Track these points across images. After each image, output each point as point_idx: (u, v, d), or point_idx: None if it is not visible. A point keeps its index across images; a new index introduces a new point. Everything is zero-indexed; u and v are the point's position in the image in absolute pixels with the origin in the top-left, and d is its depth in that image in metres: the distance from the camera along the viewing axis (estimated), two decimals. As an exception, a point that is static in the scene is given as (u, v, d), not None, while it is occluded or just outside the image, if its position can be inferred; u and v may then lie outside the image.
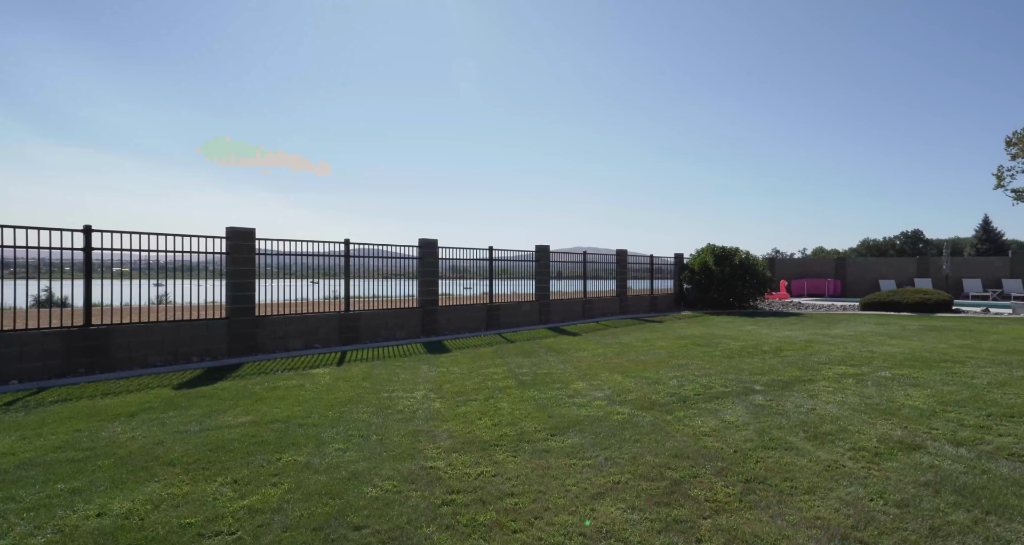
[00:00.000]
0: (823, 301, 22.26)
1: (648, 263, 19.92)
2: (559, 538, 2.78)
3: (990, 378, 6.67)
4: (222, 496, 3.33)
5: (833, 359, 8.17)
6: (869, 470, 3.70)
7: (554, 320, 15.41)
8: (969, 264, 25.67)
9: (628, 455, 4.04)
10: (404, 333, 11.92)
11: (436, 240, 12.80)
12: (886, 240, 72.98)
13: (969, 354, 8.50)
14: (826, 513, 3.05)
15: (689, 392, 6.13)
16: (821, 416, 5.03)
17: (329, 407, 5.62)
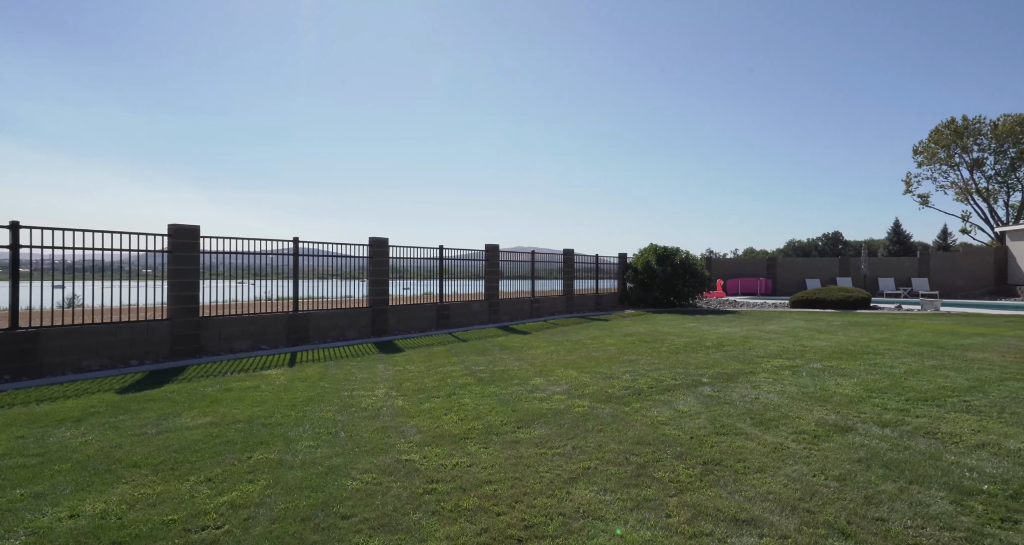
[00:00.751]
0: (756, 299, 23.56)
1: (594, 263, 20.46)
2: (541, 518, 2.95)
3: (906, 367, 7.36)
4: (199, 494, 3.29)
5: (770, 353, 8.75)
6: (810, 450, 4.07)
7: (503, 319, 15.61)
8: (883, 264, 27.81)
9: (594, 444, 4.26)
10: (354, 333, 11.79)
11: (387, 239, 12.73)
12: (810, 241, 77.70)
13: (887, 346, 9.31)
14: (777, 488, 3.36)
15: (643, 385, 6.45)
16: (764, 404, 5.44)
17: (291, 407, 5.56)
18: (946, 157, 39.31)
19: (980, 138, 37.95)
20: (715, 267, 29.49)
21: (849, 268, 27.86)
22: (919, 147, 40.59)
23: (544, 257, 18.11)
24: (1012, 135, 36.58)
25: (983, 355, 8.29)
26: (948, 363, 7.64)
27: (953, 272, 26.45)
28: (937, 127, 39.21)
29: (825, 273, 28.25)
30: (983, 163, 38.42)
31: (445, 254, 14.20)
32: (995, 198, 39.70)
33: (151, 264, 9.00)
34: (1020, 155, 37.04)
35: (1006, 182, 38.91)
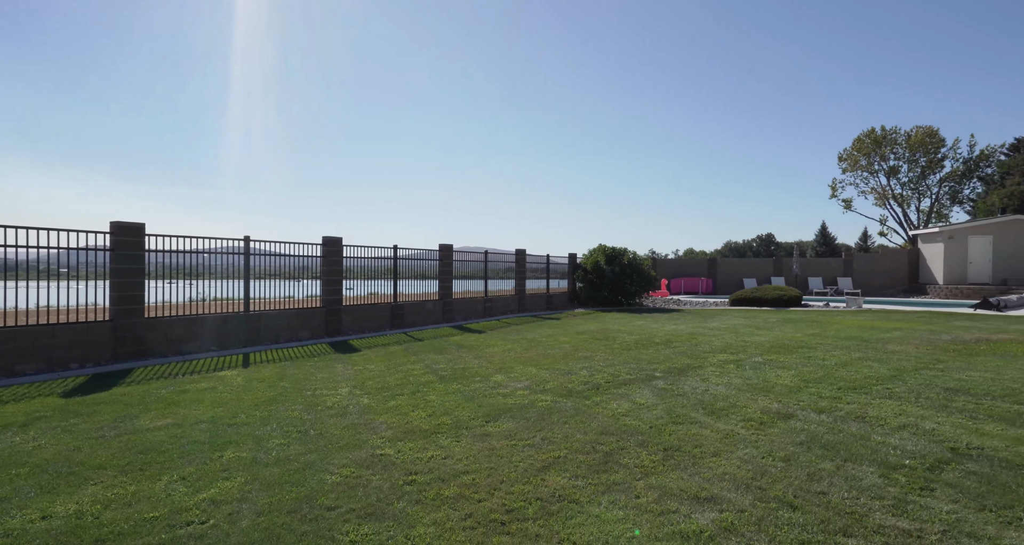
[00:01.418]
0: (698, 298, 24.59)
1: (545, 262, 20.82)
2: (520, 503, 3.13)
3: (836, 360, 7.99)
4: (176, 492, 3.28)
5: (715, 348, 9.27)
6: (758, 436, 4.44)
7: (457, 318, 15.70)
8: (812, 264, 29.61)
9: (561, 435, 4.48)
10: (307, 333, 11.60)
11: (340, 238, 12.59)
12: (745, 242, 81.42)
13: (818, 341, 10.03)
14: (731, 469, 3.67)
15: (600, 380, 6.74)
16: (714, 395, 5.83)
17: (254, 407, 5.51)
18: (867, 164, 42.12)
19: (896, 147, 40.92)
20: (660, 267, 30.54)
21: (782, 268, 29.50)
22: (843, 154, 43.34)
23: (497, 257, 18.31)
24: (923, 145, 39.64)
25: (901, 347, 9.08)
26: (872, 355, 8.34)
27: (873, 272, 28.49)
28: (859, 136, 41.96)
29: (761, 273, 29.80)
30: (898, 171, 41.42)
31: (399, 254, 14.15)
32: (908, 203, 42.88)
33: (91, 263, 8.58)
34: (929, 164, 40.20)
35: (917, 189, 42.10)
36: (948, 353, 8.43)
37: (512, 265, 19.04)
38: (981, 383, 6.26)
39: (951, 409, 5.17)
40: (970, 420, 4.79)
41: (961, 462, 3.78)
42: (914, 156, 40.43)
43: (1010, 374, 6.74)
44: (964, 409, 5.16)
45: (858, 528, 2.83)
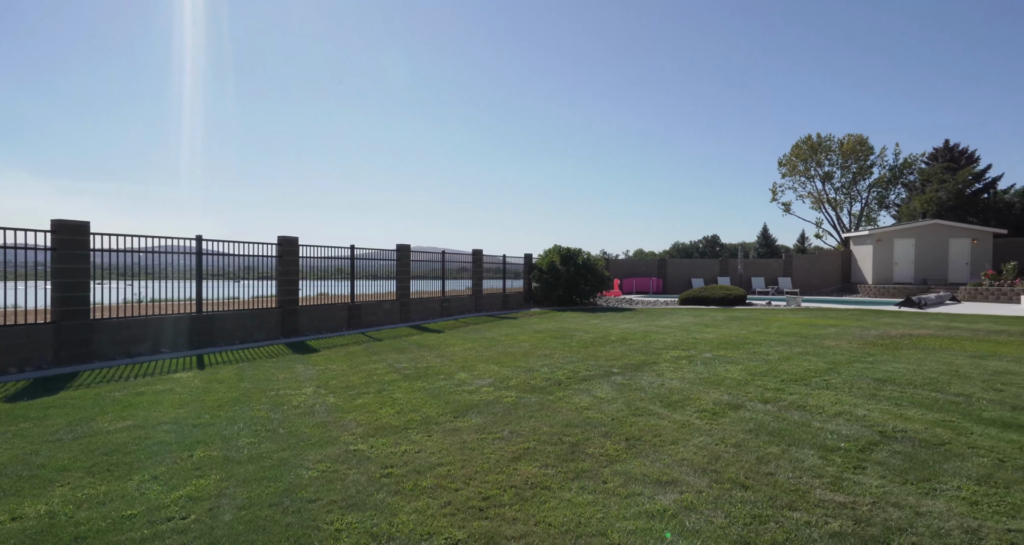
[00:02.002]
0: (649, 297, 25.36)
1: (501, 263, 21.02)
2: (495, 491, 3.29)
3: (778, 355, 8.52)
4: (150, 491, 3.28)
5: (668, 345, 9.69)
6: (711, 425, 4.75)
7: (415, 318, 15.69)
8: (755, 265, 31.02)
9: (528, 428, 4.67)
10: (263, 334, 11.39)
11: (296, 238, 12.40)
12: (692, 243, 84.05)
13: (762, 337, 10.62)
14: (689, 455, 3.95)
15: (561, 376, 6.97)
16: (669, 389, 6.15)
17: (217, 407, 5.45)
18: (804, 170, 44.34)
19: (830, 154, 43.27)
20: (612, 267, 31.28)
21: (728, 268, 30.77)
22: (783, 160, 45.47)
23: (454, 257, 18.37)
24: (853, 153, 42.09)
25: (836, 343, 9.74)
26: (810, 350, 8.93)
27: (810, 272, 30.12)
28: (797, 142, 44.14)
29: (708, 273, 30.99)
30: (832, 176, 43.80)
31: (356, 254, 14.04)
32: (841, 207, 45.39)
33: (33, 263, 8.18)
34: (859, 171, 42.71)
35: (849, 194, 44.62)
36: (876, 347, 9.11)
37: (469, 265, 19.15)
38: (905, 374, 6.84)
39: (879, 397, 5.66)
40: (895, 407, 5.27)
41: (888, 443, 4.19)
42: (846, 163, 42.83)
43: (929, 365, 7.38)
44: (890, 397, 5.66)
45: (801, 503, 3.14)
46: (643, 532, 2.78)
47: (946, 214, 32.66)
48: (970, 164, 37.02)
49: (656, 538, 2.72)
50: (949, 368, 7.16)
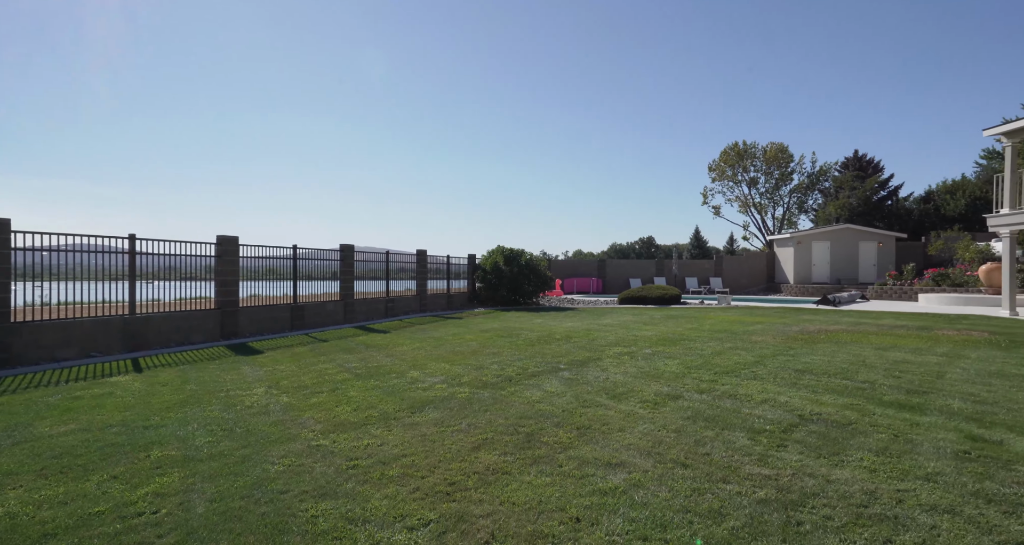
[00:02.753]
0: (590, 297, 26.11)
1: (445, 263, 21.10)
2: (460, 477, 3.51)
3: (711, 350, 9.13)
4: (112, 490, 3.28)
5: (610, 342, 10.16)
6: (653, 414, 5.14)
7: (359, 319, 15.56)
8: (689, 266, 32.52)
9: (484, 421, 4.90)
10: (201, 336, 11.04)
11: (236, 237, 12.07)
12: (628, 245, 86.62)
13: (697, 334, 11.30)
14: (634, 441, 4.30)
15: (511, 373, 7.24)
16: (614, 382, 6.54)
17: (166, 409, 5.36)
18: (732, 175, 46.81)
19: (755, 161, 45.90)
20: (554, 267, 31.93)
21: (664, 269, 32.09)
22: (713, 165, 47.79)
23: (398, 258, 18.31)
24: (776, 160, 44.84)
25: (762, 338, 10.52)
26: (740, 345, 9.61)
27: (739, 272, 31.90)
28: (726, 148, 46.52)
29: (645, 273, 32.21)
30: (757, 182, 46.47)
31: (299, 254, 13.79)
32: (766, 211, 48.20)
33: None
34: (781, 177, 45.55)
35: (773, 198, 47.45)
36: (797, 342, 9.92)
37: (413, 266, 19.13)
38: (820, 365, 7.55)
39: (799, 386, 6.25)
40: (812, 394, 5.85)
41: (805, 425, 4.70)
42: (769, 169, 45.54)
43: (841, 357, 8.15)
44: (808, 385, 6.26)
45: (733, 477, 3.53)
46: (598, 506, 3.07)
47: (856, 219, 35.41)
48: (876, 173, 40.26)
49: (608, 510, 3.02)
50: (857, 359, 7.94)
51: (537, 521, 2.89)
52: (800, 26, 61.71)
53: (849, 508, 3.03)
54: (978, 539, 2.66)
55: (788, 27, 62.21)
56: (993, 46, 55.49)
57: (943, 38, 56.99)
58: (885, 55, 60.70)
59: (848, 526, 2.82)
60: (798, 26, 61.75)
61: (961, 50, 56.92)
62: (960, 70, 58.64)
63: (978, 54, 56.48)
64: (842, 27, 60.55)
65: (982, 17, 53.75)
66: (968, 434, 4.31)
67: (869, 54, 61.43)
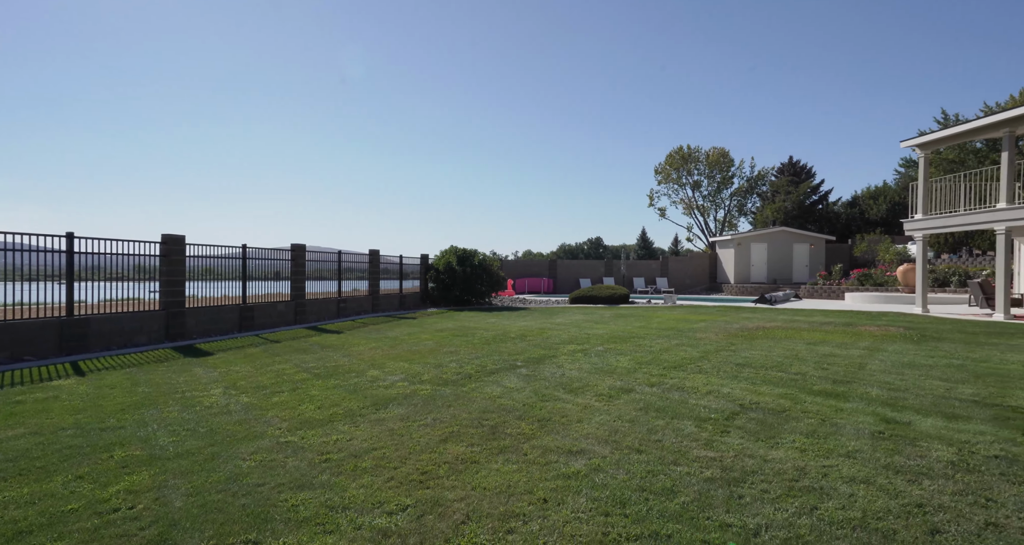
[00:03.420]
0: (541, 297, 26.54)
1: (398, 263, 21.02)
2: (431, 466, 3.69)
3: (660, 346, 9.61)
4: (81, 489, 3.28)
5: (563, 340, 10.50)
6: (608, 406, 5.46)
7: (310, 320, 15.34)
8: (637, 266, 33.52)
9: (449, 416, 5.08)
10: (145, 338, 10.67)
11: (183, 236, 11.72)
12: (577, 245, 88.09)
13: (645, 332, 11.80)
14: (592, 431, 4.59)
15: (470, 370, 7.43)
16: (570, 378, 6.84)
17: (120, 411, 5.27)
18: (676, 178, 48.50)
19: (698, 164, 47.74)
20: (506, 268, 32.23)
21: (612, 269, 32.97)
22: (658, 168, 49.37)
23: (351, 258, 18.13)
24: (718, 164, 46.81)
25: (706, 335, 11.12)
26: (685, 342, 10.15)
27: (684, 272, 33.16)
28: (671, 152, 48.16)
29: (594, 273, 32.98)
30: (700, 185, 48.36)
31: (249, 253, 13.49)
32: (708, 214, 50.18)
33: None
34: (723, 180, 47.58)
35: (715, 201, 49.48)
36: (737, 338, 10.56)
37: (366, 266, 18.98)
38: (759, 359, 8.11)
39: (740, 378, 6.73)
40: (751, 385, 6.33)
41: (746, 413, 5.12)
42: (712, 173, 47.48)
43: (777, 352, 8.77)
44: (748, 378, 6.75)
45: (683, 459, 3.86)
46: (562, 488, 3.32)
47: (791, 222, 37.41)
48: (808, 178, 42.66)
49: (572, 491, 3.28)
50: (791, 353, 8.56)
51: (508, 503, 3.11)
52: (740, 34, 64.54)
53: (783, 482, 3.40)
54: (887, 503, 3.07)
55: (732, 37, 64.95)
56: (915, 60, 59.84)
57: (870, 51, 60.96)
58: (817, 64, 64.30)
59: (782, 497, 3.18)
60: (741, 34, 64.56)
61: (887, 63, 61.09)
62: (885, 82, 62.92)
63: (902, 67, 60.78)
64: (776, 36, 63.75)
65: (905, 33, 57.86)
66: (883, 417, 4.83)
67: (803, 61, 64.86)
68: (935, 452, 3.89)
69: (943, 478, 3.41)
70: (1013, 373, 6.73)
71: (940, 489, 3.25)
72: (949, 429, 4.44)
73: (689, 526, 2.83)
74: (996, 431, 4.36)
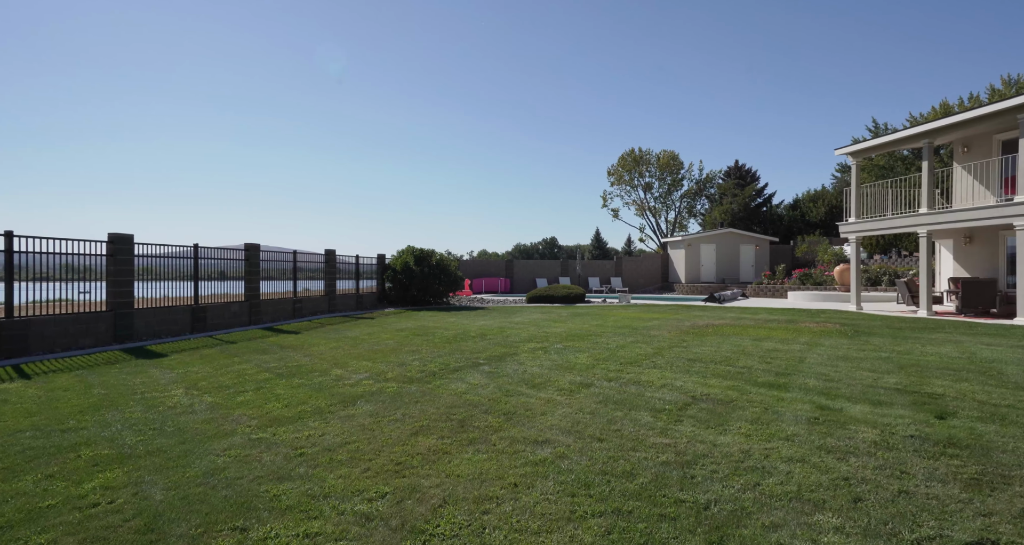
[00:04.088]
0: (498, 297, 26.79)
1: (355, 263, 20.84)
2: (405, 457, 3.85)
3: (616, 343, 10.00)
4: (54, 487, 3.29)
5: (523, 338, 10.76)
6: (570, 400, 5.73)
7: (265, 320, 15.08)
8: (592, 266, 34.23)
9: (417, 411, 5.24)
10: (91, 341, 10.31)
11: (131, 235, 11.36)
12: (532, 245, 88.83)
13: (602, 330, 12.21)
14: (556, 422, 4.84)
15: (434, 368, 7.58)
16: (532, 374, 7.10)
17: (78, 413, 5.18)
18: (629, 180, 49.70)
19: (650, 167, 49.08)
20: (463, 267, 32.31)
21: (568, 269, 33.55)
22: (611, 170, 50.46)
23: (306, 258, 17.88)
24: (668, 167, 48.28)
25: (659, 332, 11.61)
26: (640, 339, 10.58)
27: (637, 272, 34.09)
28: (623, 154, 49.30)
29: (551, 273, 33.49)
30: (651, 187, 49.74)
31: (201, 253, 13.17)
32: (660, 215, 51.68)
33: None
34: (673, 183, 49.10)
35: (666, 203, 51.00)
36: (689, 335, 11.08)
37: (322, 265, 18.75)
38: (708, 354, 8.59)
39: (692, 372, 7.15)
40: (702, 378, 6.75)
41: (697, 404, 5.50)
42: (662, 175, 48.89)
43: (725, 347, 9.30)
44: (699, 372, 7.18)
45: (641, 446, 4.16)
46: (531, 474, 3.56)
47: (738, 223, 38.99)
48: (753, 182, 44.53)
49: (540, 476, 3.51)
50: (738, 349, 9.10)
51: (481, 488, 3.32)
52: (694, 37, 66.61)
53: (730, 463, 3.74)
54: (819, 478, 3.45)
55: (688, 39, 66.93)
56: (852, 68, 63.24)
57: (811, 56, 64.01)
58: (763, 68, 67.03)
59: (729, 476, 3.51)
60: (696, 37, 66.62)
61: (827, 70, 64.29)
62: (825, 89, 66.23)
63: (840, 75, 64.13)
64: (726, 41, 66.15)
65: (845, 42, 61.08)
66: (818, 405, 5.29)
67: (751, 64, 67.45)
68: (861, 434, 4.33)
69: (866, 455, 3.83)
70: (931, 364, 7.41)
71: (863, 465, 3.66)
72: (874, 414, 4.92)
73: (647, 503, 3.11)
74: (913, 415, 4.87)
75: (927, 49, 57.13)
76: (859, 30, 58.34)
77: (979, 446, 4.00)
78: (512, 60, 75.65)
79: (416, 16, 67.70)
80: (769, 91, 68.39)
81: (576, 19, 66.88)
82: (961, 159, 16.79)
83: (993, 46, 53.20)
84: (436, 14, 67.57)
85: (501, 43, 72.94)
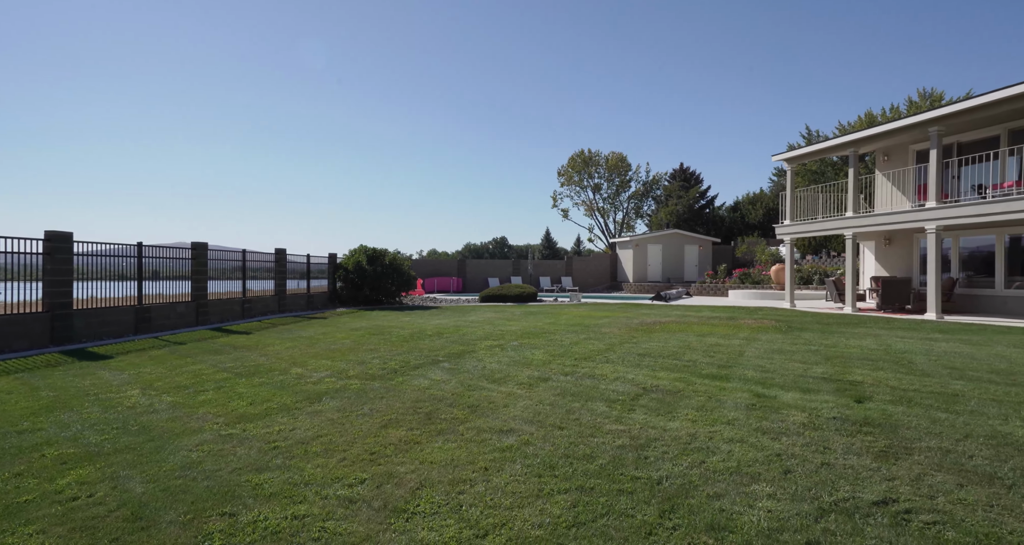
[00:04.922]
0: (451, 296, 26.88)
1: (305, 262, 20.51)
2: (378, 447, 4.04)
3: (570, 340, 10.39)
4: (26, 484, 3.31)
5: (479, 337, 11.00)
6: (529, 393, 6.03)
7: (214, 321, 14.71)
8: (543, 265, 34.79)
9: (384, 406, 5.41)
10: (26, 343, 9.86)
11: (71, 233, 10.91)
12: (482, 245, 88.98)
13: (555, 328, 12.60)
14: (518, 413, 5.13)
15: (394, 366, 7.73)
16: (491, 370, 7.36)
17: (31, 415, 5.08)
18: (578, 180, 50.70)
19: (599, 168, 50.23)
20: (415, 267, 32.20)
21: (520, 269, 33.98)
22: (561, 170, 51.33)
23: (256, 257, 17.50)
24: (616, 169, 49.57)
25: (610, 330, 12.10)
26: (592, 336, 11.02)
27: (586, 272, 34.90)
28: (573, 155, 50.25)
29: (503, 273, 33.82)
30: (600, 188, 50.92)
31: (146, 252, 12.74)
32: (608, 215, 52.98)
33: None
34: (621, 184, 50.43)
35: (614, 204, 52.33)
36: (638, 332, 11.62)
37: (272, 265, 18.38)
38: (657, 349, 9.09)
39: (642, 366, 7.59)
40: (652, 371, 7.19)
41: (648, 394, 5.91)
42: (611, 176, 50.12)
43: (672, 343, 9.85)
44: (649, 366, 7.63)
45: (598, 433, 4.50)
46: (500, 459, 3.82)
47: (683, 224, 40.48)
48: (697, 184, 46.29)
49: (508, 461, 3.79)
50: (684, 344, 9.66)
51: (454, 472, 3.56)
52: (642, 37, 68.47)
53: (679, 445, 4.12)
54: (755, 455, 3.88)
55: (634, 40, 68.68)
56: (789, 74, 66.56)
57: (752, 59, 66.99)
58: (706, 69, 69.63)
59: (678, 456, 3.89)
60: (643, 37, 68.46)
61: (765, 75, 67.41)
62: (763, 94, 69.44)
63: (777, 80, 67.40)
64: (673, 41, 68.38)
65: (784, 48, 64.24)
66: (755, 393, 5.80)
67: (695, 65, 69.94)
68: (792, 417, 4.82)
69: (796, 435, 4.31)
70: (853, 355, 8.15)
71: (793, 443, 4.12)
72: (803, 400, 5.45)
73: (607, 480, 3.43)
74: (836, 400, 5.43)
75: (855, 61, 60.90)
76: (797, 36, 61.55)
77: (889, 424, 4.56)
78: (462, 57, 75.65)
79: (363, 10, 66.67)
80: (712, 94, 71.20)
81: (527, 17, 67.60)
82: (882, 167, 18.19)
83: (913, 59, 57.30)
84: (380, 10, 66.76)
85: (450, 40, 72.82)
